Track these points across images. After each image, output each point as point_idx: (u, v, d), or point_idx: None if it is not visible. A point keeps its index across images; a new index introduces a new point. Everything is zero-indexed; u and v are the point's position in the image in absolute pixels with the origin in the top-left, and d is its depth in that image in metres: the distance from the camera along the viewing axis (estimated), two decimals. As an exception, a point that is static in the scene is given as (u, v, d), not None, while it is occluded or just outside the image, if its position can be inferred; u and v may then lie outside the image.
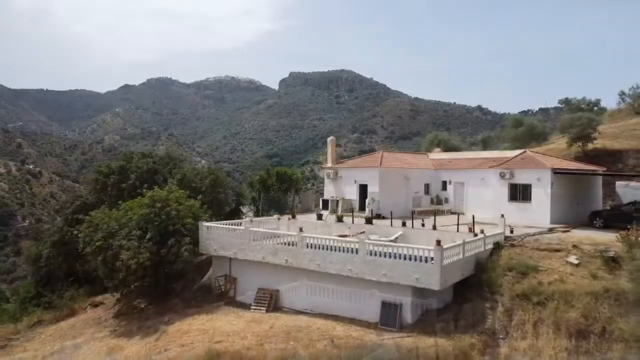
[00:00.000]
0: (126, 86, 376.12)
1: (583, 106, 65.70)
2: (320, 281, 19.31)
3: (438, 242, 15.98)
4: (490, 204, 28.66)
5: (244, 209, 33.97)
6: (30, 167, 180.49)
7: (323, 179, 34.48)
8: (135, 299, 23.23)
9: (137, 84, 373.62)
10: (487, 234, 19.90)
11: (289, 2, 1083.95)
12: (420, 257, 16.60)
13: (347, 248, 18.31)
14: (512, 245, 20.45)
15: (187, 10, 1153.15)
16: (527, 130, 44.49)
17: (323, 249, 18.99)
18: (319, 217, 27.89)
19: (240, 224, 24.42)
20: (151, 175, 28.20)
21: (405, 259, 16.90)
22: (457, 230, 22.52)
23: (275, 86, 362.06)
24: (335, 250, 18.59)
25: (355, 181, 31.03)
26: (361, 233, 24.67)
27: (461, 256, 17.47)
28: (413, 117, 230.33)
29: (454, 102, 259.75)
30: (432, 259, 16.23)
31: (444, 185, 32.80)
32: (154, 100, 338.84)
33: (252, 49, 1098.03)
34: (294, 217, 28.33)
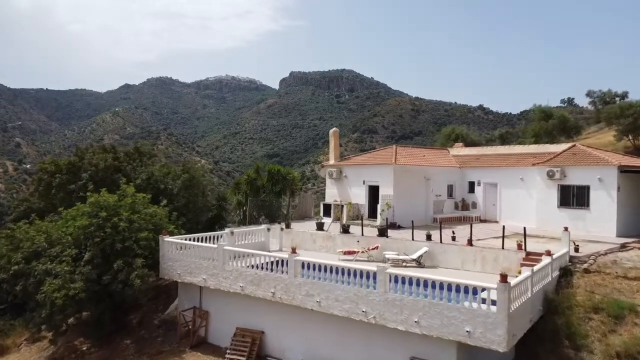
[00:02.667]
0: (126, 86, 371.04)
1: (608, 99, 59.82)
2: (321, 324, 13.65)
3: (504, 278, 10.25)
4: (533, 211, 23.12)
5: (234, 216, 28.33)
6: (28, 166, 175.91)
7: (324, 179, 28.81)
8: (76, 337, 17.60)
9: (137, 84, 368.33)
10: (554, 256, 14.18)
11: (290, 1, 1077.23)
12: (474, 288, 10.75)
13: (361, 274, 12.57)
14: (587, 271, 14.77)
15: (187, 10, 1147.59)
16: (558, 123, 38.72)
17: (324, 271, 13.30)
18: (320, 226, 22.22)
19: (220, 237, 18.81)
20: (110, 174, 22.52)
21: (449, 290, 11.10)
22: (502, 247, 16.87)
23: (276, 86, 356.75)
24: (342, 277, 12.86)
25: (364, 182, 25.35)
26: (374, 249, 19.15)
27: (529, 294, 11.77)
28: (414, 117, 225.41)
29: (455, 102, 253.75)
30: (486, 295, 10.49)
31: (471, 187, 27.10)
32: (154, 99, 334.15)
33: (253, 48, 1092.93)
34: (288, 226, 22.71)
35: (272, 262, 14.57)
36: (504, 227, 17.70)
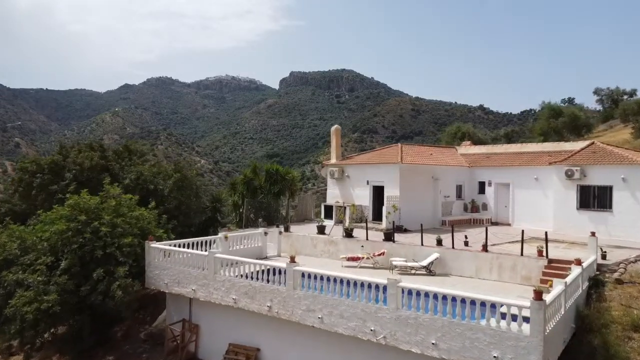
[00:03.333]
0: (126, 86, 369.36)
1: (616, 96, 58.48)
2: (323, 343, 12.12)
3: (538, 295, 8.73)
4: (549, 213, 21.65)
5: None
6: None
7: (325, 179, 27.30)
8: (53, 352, 16.07)
9: (137, 84, 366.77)
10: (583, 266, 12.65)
11: (290, 1, 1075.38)
12: (502, 306, 9.26)
13: (369, 286, 11.02)
14: (619, 282, 13.28)
15: (187, 10, 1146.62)
16: (569, 121, 37.20)
17: (327, 282, 11.78)
18: (321, 229, 20.71)
19: (213, 242, 17.31)
20: (97, 174, 21.00)
21: (472, 305, 9.58)
22: (522, 254, 15.35)
23: (276, 86, 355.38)
24: (347, 290, 11.32)
25: (368, 182, 23.86)
26: (380, 255, 17.64)
27: (562, 311, 10.25)
28: (414, 117, 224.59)
29: (455, 102, 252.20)
30: (517, 311, 8.98)
31: (481, 188, 25.60)
32: (154, 99, 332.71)
33: (253, 48, 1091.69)
34: (287, 229, 21.21)
35: (268, 271, 13.05)
36: (523, 231, 16.19)
